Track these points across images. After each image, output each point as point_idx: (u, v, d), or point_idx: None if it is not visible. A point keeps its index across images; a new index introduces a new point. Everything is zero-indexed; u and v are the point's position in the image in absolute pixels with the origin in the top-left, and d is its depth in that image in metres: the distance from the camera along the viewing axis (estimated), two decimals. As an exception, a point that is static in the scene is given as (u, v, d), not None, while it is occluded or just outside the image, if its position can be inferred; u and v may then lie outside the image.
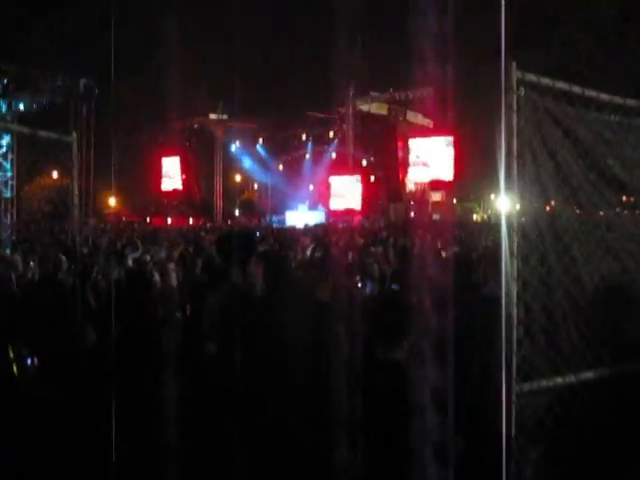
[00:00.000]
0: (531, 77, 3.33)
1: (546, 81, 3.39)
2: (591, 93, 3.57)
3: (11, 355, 3.86)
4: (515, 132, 3.28)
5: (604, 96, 3.69)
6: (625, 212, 4.24)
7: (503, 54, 3.12)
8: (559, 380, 3.43)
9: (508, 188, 3.31)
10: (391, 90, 40.36)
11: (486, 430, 3.54)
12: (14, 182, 25.25)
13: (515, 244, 3.24)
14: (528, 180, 3.32)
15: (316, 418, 3.86)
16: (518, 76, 3.29)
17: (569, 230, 3.54)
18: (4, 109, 25.49)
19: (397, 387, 3.33)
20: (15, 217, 25.02)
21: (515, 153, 3.27)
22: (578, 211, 3.75)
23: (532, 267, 3.32)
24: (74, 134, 5.50)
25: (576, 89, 3.52)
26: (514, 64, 3.27)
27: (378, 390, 3.43)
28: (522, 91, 3.32)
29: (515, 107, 3.28)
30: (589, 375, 3.50)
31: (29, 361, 3.28)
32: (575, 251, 3.55)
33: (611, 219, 3.88)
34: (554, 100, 3.46)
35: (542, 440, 3.35)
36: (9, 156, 24.82)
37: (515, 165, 3.27)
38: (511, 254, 3.24)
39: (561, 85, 3.46)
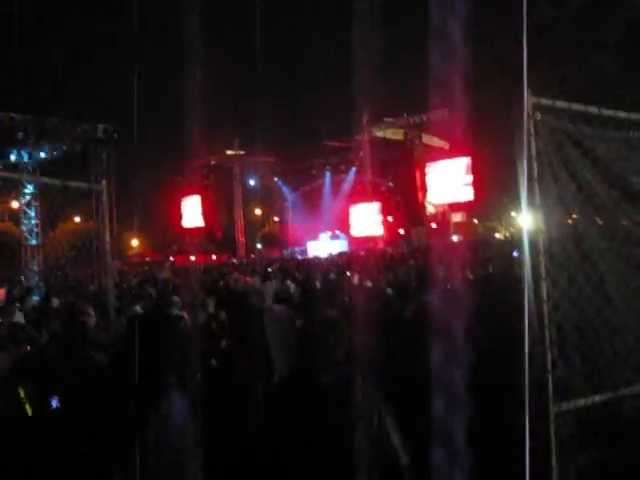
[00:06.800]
0: (546, 101, 3.36)
1: (561, 104, 3.42)
2: (608, 112, 3.59)
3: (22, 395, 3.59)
4: (534, 156, 3.31)
5: (621, 114, 3.70)
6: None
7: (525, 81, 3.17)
8: (596, 398, 3.43)
9: (529, 207, 3.33)
10: (405, 115, 40.55)
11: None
12: (39, 229, 25.55)
13: (543, 267, 3.26)
14: (551, 202, 3.34)
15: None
16: (533, 101, 3.32)
17: (595, 248, 3.54)
18: (25, 159, 25.90)
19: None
20: (42, 264, 25.22)
21: (536, 176, 3.29)
22: (603, 228, 3.75)
23: (561, 288, 3.33)
24: (103, 182, 5.62)
25: (592, 109, 3.54)
26: (528, 90, 3.31)
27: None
28: (538, 115, 3.36)
29: (533, 132, 3.31)
30: (625, 392, 3.51)
31: (54, 404, 3.18)
32: (603, 268, 3.56)
33: (636, 234, 3.86)
34: (571, 122, 3.48)
35: (583, 455, 3.34)
36: (32, 204, 25.15)
37: (537, 188, 3.29)
38: (539, 276, 3.25)
39: (577, 107, 3.48)
